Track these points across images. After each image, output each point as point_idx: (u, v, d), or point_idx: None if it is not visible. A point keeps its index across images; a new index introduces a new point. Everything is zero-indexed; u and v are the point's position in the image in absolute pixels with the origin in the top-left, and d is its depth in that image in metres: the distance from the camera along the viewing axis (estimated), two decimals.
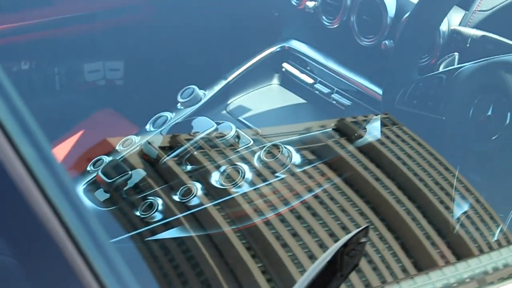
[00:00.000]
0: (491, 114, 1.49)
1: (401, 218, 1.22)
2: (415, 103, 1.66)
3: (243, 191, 1.32)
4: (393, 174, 1.31)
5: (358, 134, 1.42)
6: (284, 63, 2.25)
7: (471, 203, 1.32)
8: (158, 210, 1.33)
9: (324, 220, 1.19)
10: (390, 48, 1.86)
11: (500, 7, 1.83)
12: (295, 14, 2.29)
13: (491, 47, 1.74)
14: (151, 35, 2.51)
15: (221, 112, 2.06)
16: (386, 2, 1.93)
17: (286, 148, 1.39)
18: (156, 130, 1.75)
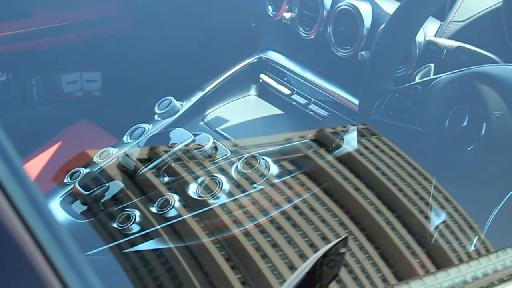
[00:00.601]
0: (467, 125, 1.49)
1: (380, 228, 1.22)
2: (391, 114, 1.66)
3: (221, 202, 1.32)
4: (372, 184, 1.31)
5: (336, 145, 1.42)
6: (261, 74, 2.25)
7: (449, 213, 1.33)
8: (135, 222, 1.33)
9: (304, 231, 1.19)
10: (367, 59, 1.87)
11: (475, 18, 1.84)
12: (272, 25, 2.29)
13: (466, 57, 1.75)
14: (128, 47, 2.51)
15: (199, 123, 2.06)
16: (362, 13, 1.94)
17: (263, 159, 1.39)
18: (133, 142, 1.74)
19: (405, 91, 1.65)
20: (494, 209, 1.41)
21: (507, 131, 1.42)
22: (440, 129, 1.54)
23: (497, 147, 1.44)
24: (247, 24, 2.49)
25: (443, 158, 1.54)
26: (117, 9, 2.56)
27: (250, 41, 2.39)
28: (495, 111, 1.44)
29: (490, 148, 1.45)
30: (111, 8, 2.55)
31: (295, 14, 2.15)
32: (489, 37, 1.82)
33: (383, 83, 1.69)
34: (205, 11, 2.55)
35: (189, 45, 2.51)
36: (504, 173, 1.44)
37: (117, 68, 2.49)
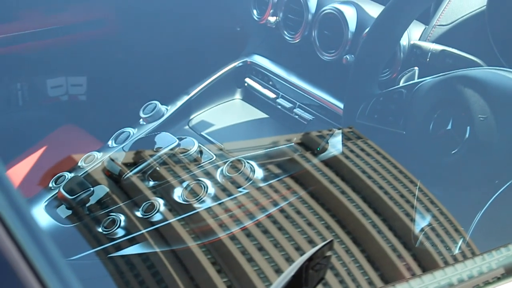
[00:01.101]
0: (451, 128, 1.50)
1: (366, 231, 1.23)
2: (375, 118, 1.66)
3: (206, 206, 1.32)
4: (358, 187, 1.31)
5: (321, 148, 1.42)
6: (247, 78, 2.26)
7: (435, 215, 1.33)
8: (120, 226, 1.33)
9: (290, 234, 1.20)
10: (351, 62, 1.87)
11: (459, 22, 1.85)
12: (257, 29, 2.30)
13: (450, 61, 1.75)
14: (114, 50, 2.50)
15: (184, 127, 2.06)
16: (347, 17, 1.94)
17: (248, 163, 1.39)
18: (118, 146, 1.74)
19: (390, 94, 1.66)
20: (478, 212, 1.42)
21: (491, 134, 1.43)
22: (424, 133, 1.55)
23: (481, 150, 1.45)
24: (232, 28, 2.50)
25: (427, 161, 1.54)
26: (103, 13, 2.55)
27: (235, 45, 2.39)
28: (479, 115, 1.45)
29: (474, 151, 1.45)
30: (96, 12, 2.54)
31: (280, 18, 2.16)
32: (473, 40, 1.82)
33: (368, 87, 1.70)
34: (190, 15, 2.55)
35: (174, 49, 2.51)
36: (488, 176, 1.45)
37: (102, 72, 2.48)
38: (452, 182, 1.50)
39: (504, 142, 1.43)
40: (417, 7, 1.63)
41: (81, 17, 2.50)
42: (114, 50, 2.51)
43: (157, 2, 2.57)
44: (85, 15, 2.52)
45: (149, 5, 2.55)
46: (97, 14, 2.55)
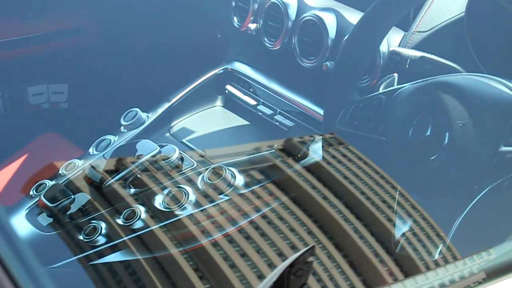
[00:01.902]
0: (430, 134, 1.51)
1: (349, 236, 1.23)
2: (355, 124, 1.67)
3: (188, 213, 1.32)
4: (340, 193, 1.32)
5: (302, 154, 1.43)
6: (227, 85, 2.26)
7: (416, 221, 1.34)
8: (101, 233, 1.32)
9: (272, 240, 1.20)
10: (332, 69, 1.87)
11: (438, 28, 1.86)
12: (237, 36, 2.30)
13: (429, 67, 1.76)
14: (94, 58, 2.50)
15: (165, 134, 2.06)
16: (327, 23, 1.95)
17: (229, 169, 1.39)
18: (99, 154, 1.74)
19: (369, 101, 1.66)
20: (458, 217, 1.43)
21: (470, 140, 1.44)
22: (403, 139, 1.56)
23: (460, 156, 1.45)
24: (213, 35, 2.50)
25: (407, 167, 1.55)
26: (83, 21, 2.55)
27: (216, 52, 2.39)
28: (458, 121, 1.46)
29: (453, 157, 1.46)
30: (76, 20, 2.54)
31: (260, 25, 2.16)
32: (452, 47, 1.83)
33: (348, 93, 1.70)
34: (171, 22, 2.55)
35: (155, 56, 2.51)
36: (468, 182, 1.46)
37: (84, 80, 2.48)
38: (432, 188, 1.51)
39: (482, 147, 1.43)
40: (396, 13, 1.64)
41: (61, 25, 2.50)
42: (95, 57, 2.50)
43: (138, 10, 2.57)
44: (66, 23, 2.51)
45: (130, 13, 2.55)
46: (77, 23, 2.54)
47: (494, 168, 1.43)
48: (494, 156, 1.42)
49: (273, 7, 2.11)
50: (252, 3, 2.18)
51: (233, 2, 2.27)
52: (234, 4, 2.27)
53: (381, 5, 1.63)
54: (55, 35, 2.47)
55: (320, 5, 2.06)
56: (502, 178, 1.43)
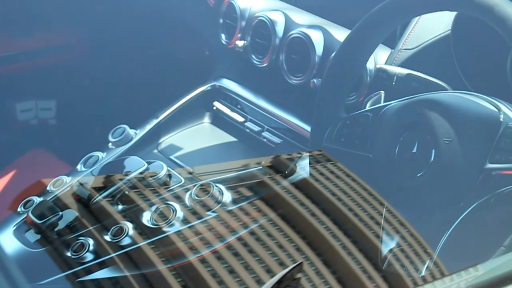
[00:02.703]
0: (416, 151, 1.51)
1: (337, 253, 1.23)
2: (342, 141, 1.67)
3: (176, 229, 1.32)
4: (328, 210, 1.32)
5: (289, 171, 1.43)
6: (215, 102, 2.27)
7: (403, 236, 1.34)
8: (89, 250, 1.32)
9: (260, 256, 1.20)
10: (319, 86, 1.88)
11: (424, 46, 1.87)
12: (225, 53, 2.31)
13: (416, 84, 1.77)
14: (83, 75, 2.50)
15: (153, 151, 2.06)
16: (314, 41, 1.96)
17: (217, 186, 1.39)
18: (87, 170, 1.74)
19: (356, 118, 1.67)
20: (444, 233, 1.43)
21: (456, 157, 1.45)
22: (390, 156, 1.56)
23: (446, 173, 1.46)
24: (201, 52, 2.51)
25: (393, 184, 1.55)
26: (71, 38, 2.56)
27: (204, 69, 2.40)
28: (444, 138, 1.46)
29: (439, 174, 1.47)
30: (64, 36, 2.54)
31: (247, 42, 2.17)
32: (438, 64, 1.85)
33: (334, 111, 1.71)
34: (159, 39, 2.56)
35: (143, 73, 2.52)
36: (454, 198, 1.47)
37: (72, 97, 2.48)
38: (418, 205, 1.51)
39: (468, 165, 1.44)
40: (383, 31, 1.65)
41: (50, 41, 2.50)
42: (84, 74, 2.51)
43: (125, 27, 2.58)
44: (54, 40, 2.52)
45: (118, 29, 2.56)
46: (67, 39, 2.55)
47: (480, 185, 1.43)
48: (480, 173, 1.43)
49: (261, 24, 2.12)
50: (239, 21, 2.19)
51: (220, 20, 2.28)
52: (221, 21, 2.28)
53: (367, 23, 1.64)
54: (44, 52, 2.48)
55: (307, 22, 2.07)
56: (488, 195, 1.44)
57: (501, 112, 1.46)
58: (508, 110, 1.47)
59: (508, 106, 1.48)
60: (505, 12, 1.40)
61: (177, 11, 2.52)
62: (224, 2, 2.26)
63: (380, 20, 1.63)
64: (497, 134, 1.43)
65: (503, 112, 1.46)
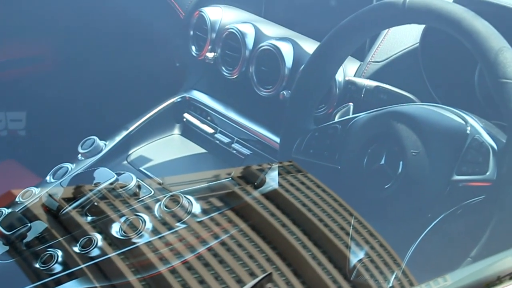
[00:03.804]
0: (384, 163, 1.52)
1: (307, 263, 1.24)
2: (311, 153, 1.68)
3: (145, 240, 1.32)
4: (298, 220, 1.32)
5: (259, 182, 1.43)
6: (185, 113, 2.27)
7: (373, 247, 1.35)
8: (58, 261, 1.32)
9: (231, 267, 1.20)
10: (288, 98, 1.89)
11: (393, 58, 1.88)
12: (195, 65, 2.31)
13: (384, 97, 1.78)
14: (53, 86, 2.50)
15: (122, 162, 2.06)
16: (283, 53, 1.97)
17: (186, 197, 1.40)
18: (56, 182, 1.73)
19: (325, 130, 1.68)
20: (412, 244, 1.44)
21: (423, 169, 1.46)
22: (358, 167, 1.57)
23: (413, 185, 1.47)
24: (171, 64, 2.51)
25: (362, 196, 1.56)
26: (40, 49, 2.55)
27: (174, 80, 2.40)
28: (412, 150, 1.48)
29: (407, 185, 1.48)
30: (34, 48, 2.53)
31: (218, 54, 2.17)
32: (407, 76, 1.86)
33: (303, 122, 1.72)
34: (130, 50, 2.56)
35: (113, 84, 2.51)
36: (421, 210, 1.47)
37: (41, 108, 2.47)
38: (386, 216, 1.52)
39: (435, 176, 1.45)
40: (352, 43, 1.66)
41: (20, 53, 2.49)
42: (53, 85, 2.50)
43: (96, 38, 2.57)
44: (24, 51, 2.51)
45: (87, 41, 2.55)
46: (36, 50, 2.54)
47: (447, 196, 1.44)
48: (447, 185, 1.44)
49: (231, 36, 2.13)
50: (210, 33, 2.20)
51: (191, 31, 2.28)
52: (192, 33, 2.28)
53: (336, 35, 1.65)
54: (14, 63, 2.47)
55: (277, 34, 2.08)
56: (455, 207, 1.45)
57: (468, 124, 1.48)
58: (475, 122, 1.48)
59: (475, 119, 1.49)
60: (472, 25, 1.41)
61: (147, 23, 2.52)
62: (194, 14, 2.26)
63: (349, 33, 1.64)
64: (464, 146, 1.45)
65: (470, 125, 1.47)
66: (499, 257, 1.18)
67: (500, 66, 1.36)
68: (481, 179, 1.41)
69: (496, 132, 1.48)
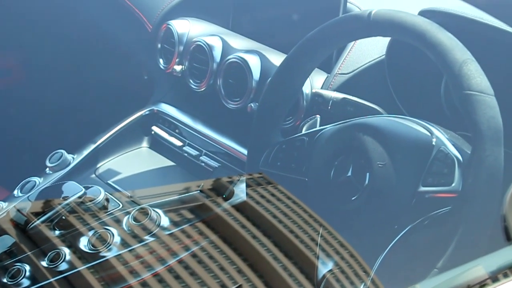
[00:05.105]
0: (351, 175, 1.53)
1: (278, 274, 1.24)
2: (278, 165, 1.68)
3: (113, 254, 1.32)
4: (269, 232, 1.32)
5: (227, 194, 1.43)
6: (154, 126, 2.26)
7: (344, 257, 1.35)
8: (25, 276, 1.31)
9: (202, 279, 1.20)
10: (256, 110, 1.89)
11: (360, 70, 1.89)
12: (163, 77, 2.31)
13: (351, 109, 1.79)
14: (20, 99, 2.48)
15: (90, 176, 2.05)
16: (251, 65, 1.97)
17: (155, 210, 1.40)
18: (24, 196, 1.72)
19: (292, 142, 1.69)
20: (379, 256, 1.45)
21: (389, 180, 1.47)
22: (326, 180, 1.58)
23: (380, 196, 1.48)
24: (139, 77, 2.51)
25: (328, 208, 1.56)
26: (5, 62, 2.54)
27: (142, 93, 2.40)
28: (378, 162, 1.49)
29: (373, 197, 1.49)
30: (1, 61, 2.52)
31: (185, 67, 2.18)
32: (373, 88, 1.88)
33: (270, 135, 1.73)
34: (97, 63, 2.55)
35: (81, 97, 2.51)
36: (388, 221, 1.48)
37: (8, 121, 2.46)
38: (354, 228, 1.53)
39: (402, 188, 1.47)
40: (318, 56, 1.67)
41: None
42: (20, 99, 2.49)
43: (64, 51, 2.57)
44: None
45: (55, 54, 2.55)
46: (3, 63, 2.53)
47: (413, 208, 1.45)
48: (413, 197, 1.45)
49: (198, 49, 2.13)
50: (177, 45, 2.20)
51: (158, 44, 2.28)
52: (159, 46, 2.28)
53: (302, 48, 1.66)
54: None
55: (244, 47, 2.09)
56: (421, 218, 1.46)
57: (433, 135, 1.49)
58: (440, 134, 1.50)
59: (440, 130, 1.51)
60: (436, 38, 1.43)
61: (115, 36, 2.51)
62: (162, 27, 2.26)
63: (315, 45, 1.65)
64: (429, 157, 1.46)
65: (435, 136, 1.49)
66: (468, 266, 1.19)
67: (465, 78, 1.38)
68: (447, 190, 1.42)
69: (461, 143, 1.50)
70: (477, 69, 1.39)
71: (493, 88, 1.39)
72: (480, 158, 1.36)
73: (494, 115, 1.36)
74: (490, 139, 1.35)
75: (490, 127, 1.35)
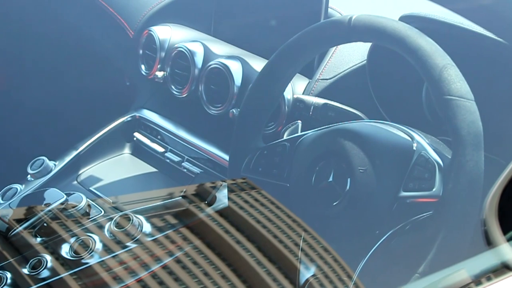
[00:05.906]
0: (332, 180, 1.53)
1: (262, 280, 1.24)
2: (260, 170, 1.69)
3: (95, 260, 1.31)
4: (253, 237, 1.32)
5: (210, 200, 1.43)
6: (135, 133, 2.26)
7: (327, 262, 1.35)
8: (6, 284, 1.31)
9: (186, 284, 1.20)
10: (238, 116, 1.89)
11: (341, 76, 1.90)
12: (145, 83, 2.31)
13: (332, 114, 1.80)
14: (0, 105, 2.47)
15: (72, 182, 2.05)
16: (232, 71, 1.98)
17: (136, 217, 1.40)
18: (5, 203, 1.72)
19: (273, 148, 1.69)
20: (361, 261, 1.45)
21: (370, 185, 1.47)
22: (307, 185, 1.58)
23: (361, 202, 1.49)
24: (121, 83, 2.50)
25: (310, 213, 1.57)
26: None
27: (124, 99, 2.40)
28: (359, 167, 1.49)
29: (355, 202, 1.49)
30: None
31: (167, 73, 2.18)
32: (355, 94, 1.89)
33: (252, 140, 1.73)
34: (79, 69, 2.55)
35: (63, 104, 2.50)
36: (369, 226, 1.49)
37: None
38: (335, 233, 1.53)
39: (383, 193, 1.47)
40: (299, 61, 1.66)
41: None
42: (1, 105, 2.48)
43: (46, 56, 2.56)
44: None
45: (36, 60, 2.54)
46: None
47: (394, 213, 1.46)
48: (394, 202, 1.46)
49: (180, 55, 2.13)
50: (159, 51, 2.20)
51: (140, 50, 2.28)
52: (141, 52, 2.28)
53: (283, 53, 1.66)
54: None
55: (226, 53, 2.09)
56: (403, 223, 1.46)
57: (414, 141, 1.50)
58: (421, 138, 1.50)
59: (421, 135, 1.52)
60: (416, 43, 1.44)
61: (97, 42, 2.51)
62: (144, 33, 2.26)
63: (296, 51, 1.65)
64: (410, 162, 1.47)
65: (416, 141, 1.49)
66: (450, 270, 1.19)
67: (445, 83, 1.39)
68: (428, 195, 1.43)
69: (442, 148, 1.51)
70: (457, 74, 1.40)
71: (473, 93, 1.39)
72: (461, 163, 1.37)
73: (474, 120, 1.37)
74: (470, 144, 1.36)
75: (470, 132, 1.36)
